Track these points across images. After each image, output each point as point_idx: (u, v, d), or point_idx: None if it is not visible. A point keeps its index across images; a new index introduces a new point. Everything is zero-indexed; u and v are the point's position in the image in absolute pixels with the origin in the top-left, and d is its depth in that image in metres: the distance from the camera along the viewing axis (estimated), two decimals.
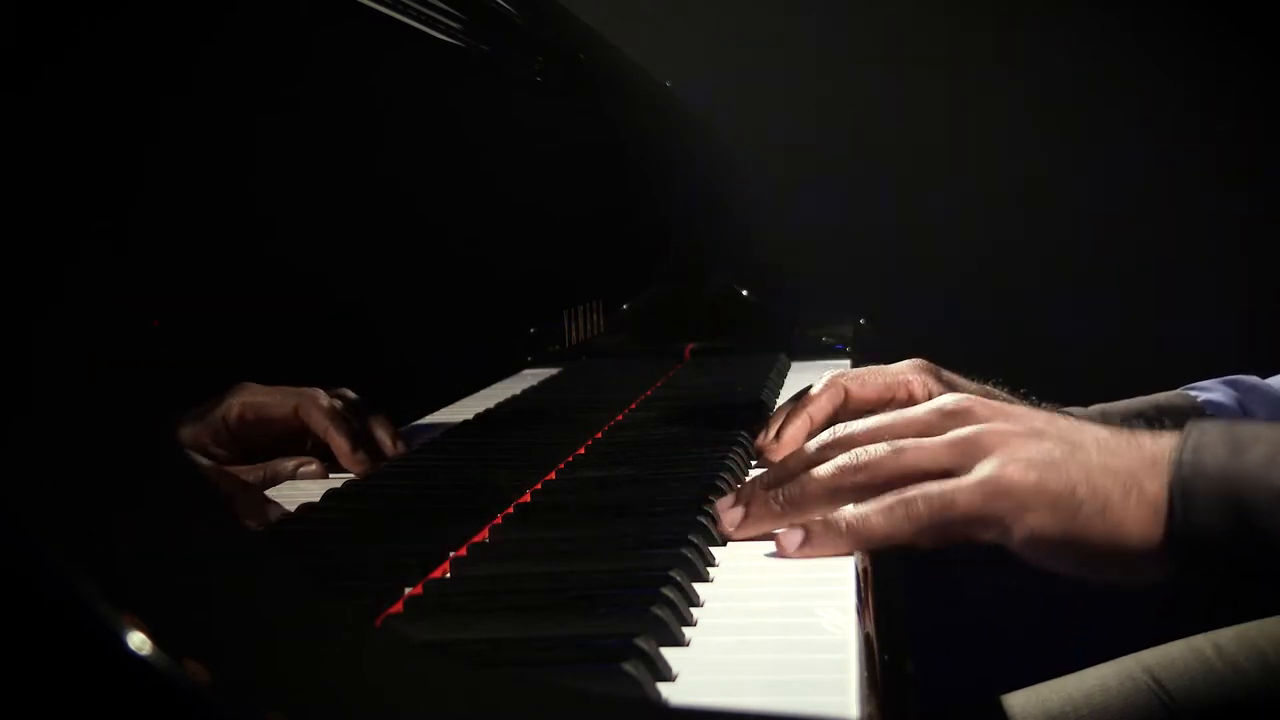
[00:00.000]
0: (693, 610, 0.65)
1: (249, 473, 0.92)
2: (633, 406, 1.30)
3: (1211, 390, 1.13)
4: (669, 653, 0.58)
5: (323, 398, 0.98)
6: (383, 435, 1.01)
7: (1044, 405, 1.01)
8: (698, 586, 0.69)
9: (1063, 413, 0.95)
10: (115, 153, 0.79)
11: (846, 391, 1.02)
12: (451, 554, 0.74)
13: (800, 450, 0.81)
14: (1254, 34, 2.51)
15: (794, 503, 0.77)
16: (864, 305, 2.09)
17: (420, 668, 0.46)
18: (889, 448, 0.76)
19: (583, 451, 1.06)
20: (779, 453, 0.98)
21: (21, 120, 0.47)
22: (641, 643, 0.56)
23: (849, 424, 0.81)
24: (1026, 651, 1.53)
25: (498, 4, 1.39)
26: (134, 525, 0.43)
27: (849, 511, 0.74)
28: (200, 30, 0.92)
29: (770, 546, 0.80)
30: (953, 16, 2.64)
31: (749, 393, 1.35)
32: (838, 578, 0.72)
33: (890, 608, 0.79)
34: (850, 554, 0.75)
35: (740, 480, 0.94)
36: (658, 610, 0.61)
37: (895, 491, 0.74)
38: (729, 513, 0.79)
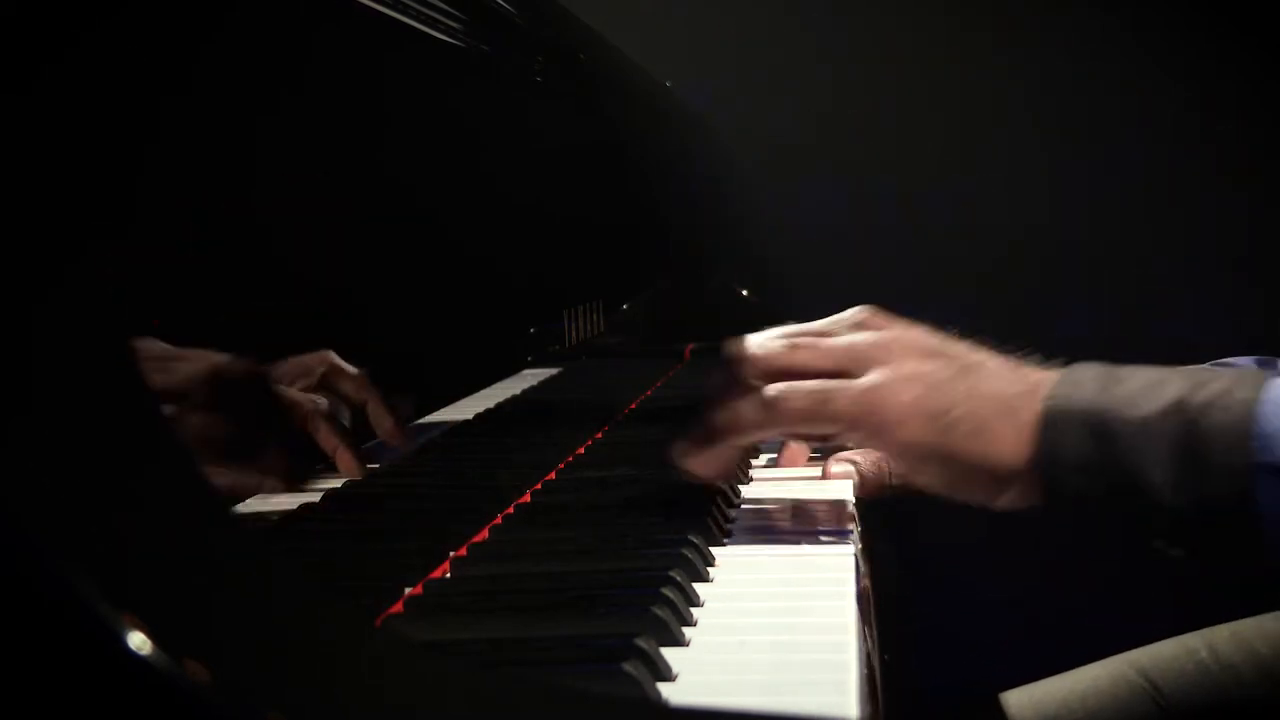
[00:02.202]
0: (693, 610, 0.65)
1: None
2: (633, 406, 1.30)
3: (1239, 364, 1.15)
4: (669, 653, 0.58)
5: (323, 411, 0.91)
6: (384, 431, 0.99)
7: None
8: (698, 586, 0.69)
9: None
10: (115, 152, 0.79)
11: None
12: (451, 554, 0.74)
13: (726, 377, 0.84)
14: (1254, 34, 2.51)
15: (710, 428, 0.80)
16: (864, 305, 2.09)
17: (420, 668, 0.46)
18: (784, 343, 0.80)
19: (582, 451, 1.06)
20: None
21: (21, 120, 0.47)
22: (641, 643, 0.56)
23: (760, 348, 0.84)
24: (1022, 650, 1.53)
25: (498, 4, 1.39)
26: (134, 525, 0.42)
27: (722, 410, 0.77)
28: (199, 30, 0.91)
29: (770, 547, 0.80)
30: (953, 16, 2.64)
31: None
32: (838, 577, 0.73)
33: (891, 607, 0.80)
34: (734, 455, 0.79)
35: (741, 479, 0.95)
36: (658, 610, 0.61)
37: (773, 385, 0.77)
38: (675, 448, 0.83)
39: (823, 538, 0.82)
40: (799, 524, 0.85)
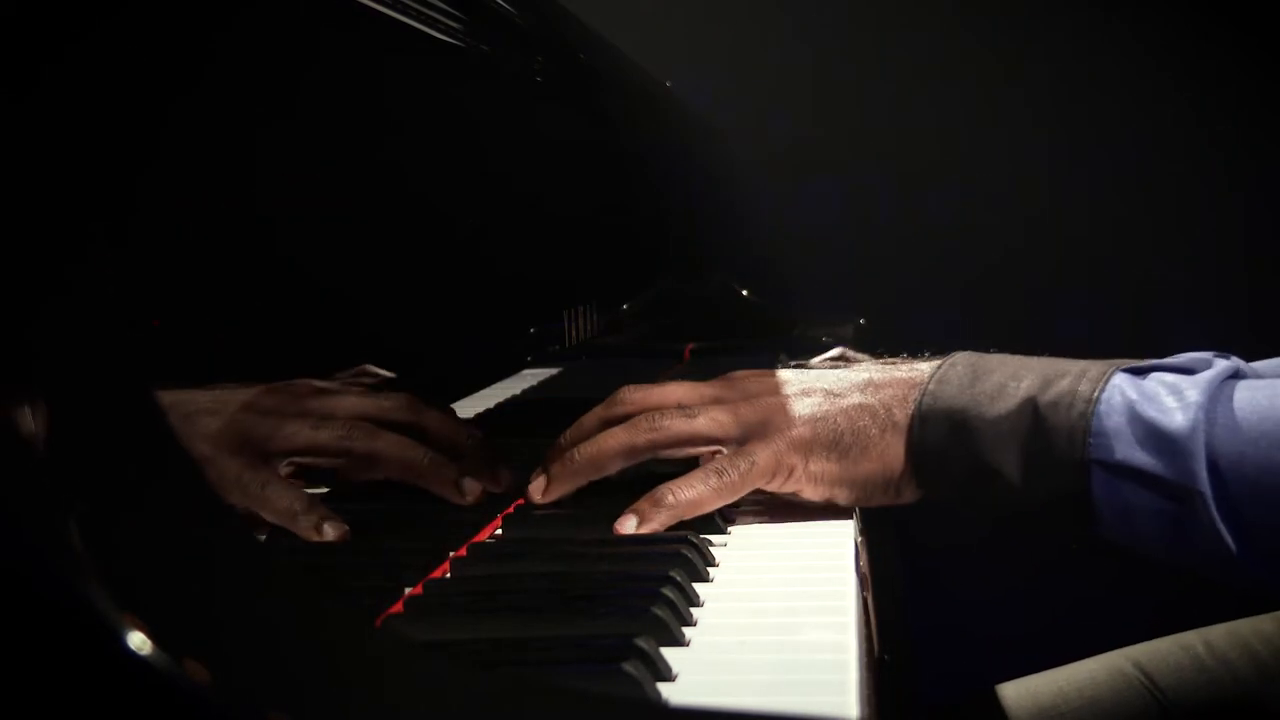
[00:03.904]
0: (693, 610, 0.65)
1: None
2: None
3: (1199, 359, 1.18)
4: (669, 653, 0.58)
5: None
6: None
7: None
8: (698, 586, 0.69)
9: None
10: (116, 153, 0.79)
11: None
12: (451, 554, 0.74)
13: (592, 413, 0.89)
14: (1254, 34, 2.51)
15: (592, 461, 0.85)
16: (864, 305, 2.09)
17: (421, 668, 0.46)
18: (681, 414, 0.85)
19: None
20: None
21: (22, 120, 0.47)
22: (641, 643, 0.56)
23: (636, 388, 0.89)
24: (1020, 645, 1.53)
25: (498, 4, 1.38)
26: (135, 525, 0.43)
27: (672, 486, 0.82)
28: (199, 30, 0.92)
29: (770, 547, 0.80)
30: (952, 16, 2.64)
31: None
32: (838, 578, 0.73)
33: (890, 606, 0.80)
34: (668, 522, 0.81)
35: None
36: (658, 610, 0.61)
37: (706, 466, 0.83)
38: (534, 483, 0.85)
39: (821, 538, 0.82)
40: (798, 524, 0.85)
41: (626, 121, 1.91)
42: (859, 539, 0.82)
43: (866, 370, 0.87)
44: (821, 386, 0.86)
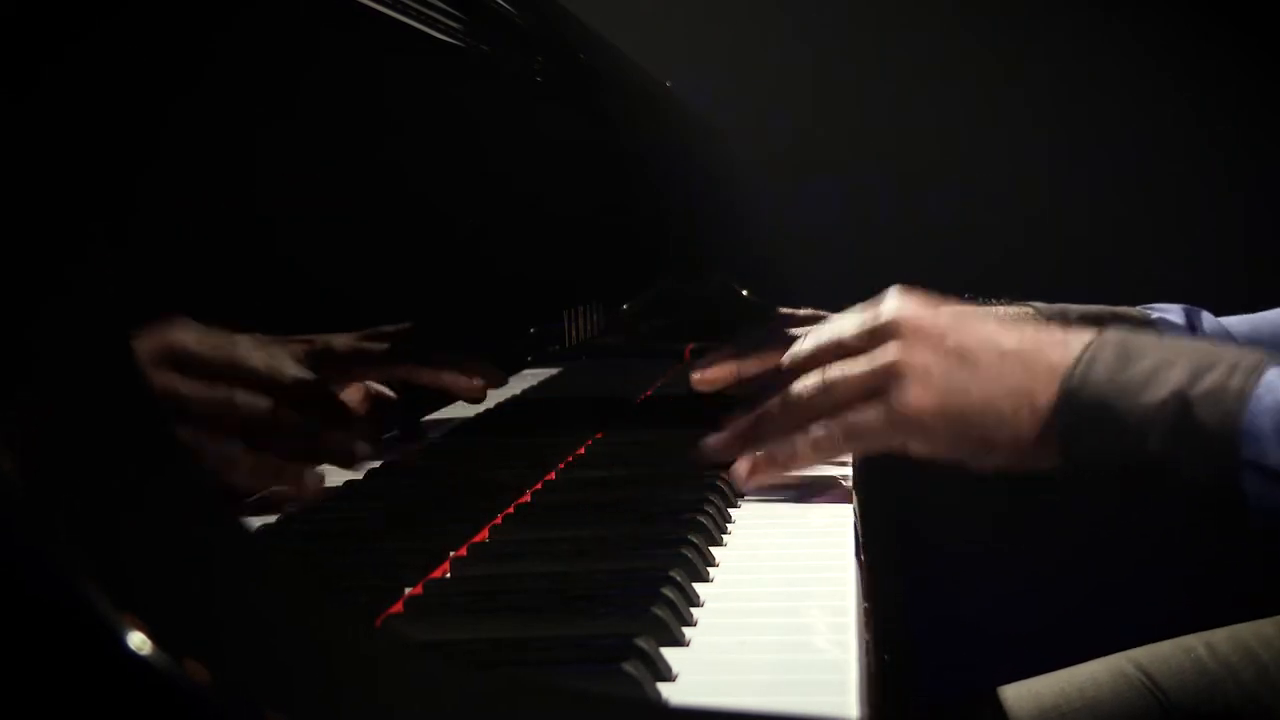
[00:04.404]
0: (693, 610, 0.65)
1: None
2: (635, 405, 1.30)
3: (1168, 311, 1.22)
4: (669, 653, 0.58)
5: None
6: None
7: (1005, 302, 1.27)
8: (698, 586, 0.69)
9: (1025, 308, 1.09)
10: (116, 153, 0.79)
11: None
12: (451, 554, 0.74)
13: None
14: (1254, 34, 2.51)
15: (769, 452, 0.90)
16: None
17: (420, 668, 0.46)
18: (820, 390, 0.88)
19: (583, 451, 1.06)
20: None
21: (22, 120, 0.47)
22: (641, 643, 0.56)
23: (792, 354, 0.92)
24: (1021, 647, 1.53)
25: (498, 4, 1.38)
26: (135, 524, 0.42)
27: (777, 446, 0.88)
28: (198, 30, 0.91)
29: (770, 546, 0.80)
30: (952, 16, 2.64)
31: (748, 393, 1.35)
32: (838, 577, 0.73)
33: (890, 606, 0.80)
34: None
35: None
36: (658, 610, 0.61)
37: (820, 424, 0.87)
38: (741, 465, 0.90)
39: (822, 537, 0.82)
40: (798, 523, 0.85)
41: (626, 121, 1.91)
42: (860, 539, 0.82)
43: (1018, 337, 0.85)
44: (975, 345, 0.84)
